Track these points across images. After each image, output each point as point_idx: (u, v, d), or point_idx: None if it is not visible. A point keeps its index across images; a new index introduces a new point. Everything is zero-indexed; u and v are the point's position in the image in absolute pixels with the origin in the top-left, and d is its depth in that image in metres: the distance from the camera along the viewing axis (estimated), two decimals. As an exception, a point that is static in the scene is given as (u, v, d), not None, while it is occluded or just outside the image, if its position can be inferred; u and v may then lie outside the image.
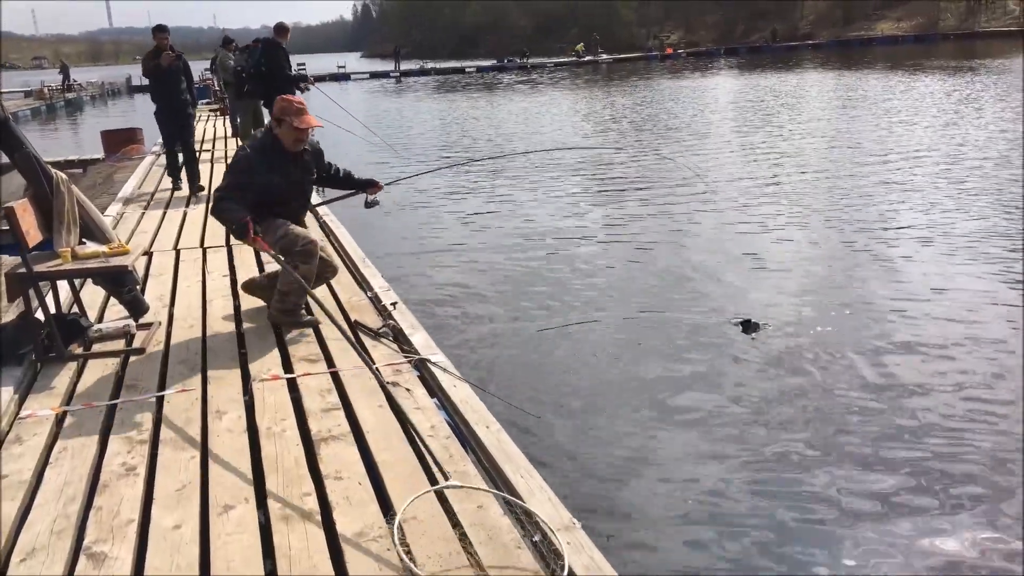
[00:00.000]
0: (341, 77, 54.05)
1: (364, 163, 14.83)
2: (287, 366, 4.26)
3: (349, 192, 5.40)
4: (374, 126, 17.24)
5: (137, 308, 4.77)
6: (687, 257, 8.23)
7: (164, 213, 8.64)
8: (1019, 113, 17.66)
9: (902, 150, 14.02)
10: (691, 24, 79.48)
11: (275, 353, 4.43)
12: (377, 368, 4.15)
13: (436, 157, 16.13)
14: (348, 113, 10.11)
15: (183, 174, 9.84)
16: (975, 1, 64.63)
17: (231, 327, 4.87)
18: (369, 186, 5.19)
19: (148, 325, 4.78)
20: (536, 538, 2.74)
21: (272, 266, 5.32)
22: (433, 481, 3.07)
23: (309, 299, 4.55)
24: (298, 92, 9.94)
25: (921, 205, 9.94)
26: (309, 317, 4.89)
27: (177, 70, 9.34)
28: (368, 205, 5.28)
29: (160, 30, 9.31)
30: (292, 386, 4.00)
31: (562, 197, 11.63)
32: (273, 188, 4.59)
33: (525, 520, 2.85)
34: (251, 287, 5.18)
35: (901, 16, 67.81)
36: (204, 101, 23.94)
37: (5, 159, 4.57)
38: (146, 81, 9.56)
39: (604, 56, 59.43)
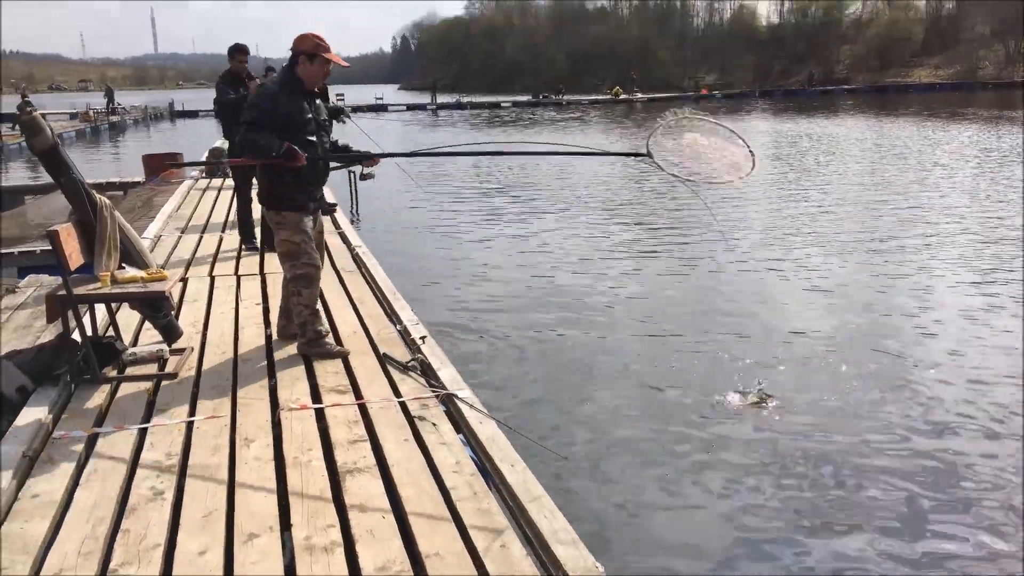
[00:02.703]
0: (378, 108, 54.76)
1: (400, 202, 14.98)
2: (315, 396, 4.30)
3: (344, 165, 5.36)
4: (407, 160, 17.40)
5: (171, 333, 4.84)
6: (722, 299, 8.20)
7: (200, 238, 8.77)
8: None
9: (937, 204, 13.92)
10: (727, 66, 79.71)
11: (304, 382, 4.47)
12: (404, 402, 4.19)
13: (465, 193, 16.27)
14: (380, 149, 10.18)
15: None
16: (1014, 50, 64.27)
17: (262, 355, 4.92)
18: (366, 159, 5.20)
19: (181, 350, 4.85)
20: (558, 578, 2.73)
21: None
22: (456, 517, 3.07)
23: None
24: (336, 124, 10.00)
25: (955, 265, 9.85)
26: (339, 348, 4.94)
27: None
28: (363, 177, 5.27)
29: (240, 51, 8.22)
30: (320, 416, 4.02)
31: (594, 235, 11.66)
32: (296, 123, 4.62)
33: (548, 562, 2.84)
34: (283, 333, 5.22)
35: (939, 63, 67.60)
36: None
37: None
38: (211, 105, 8.53)
39: (639, 95, 59.72)
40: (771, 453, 4.92)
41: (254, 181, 8.14)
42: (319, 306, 5.05)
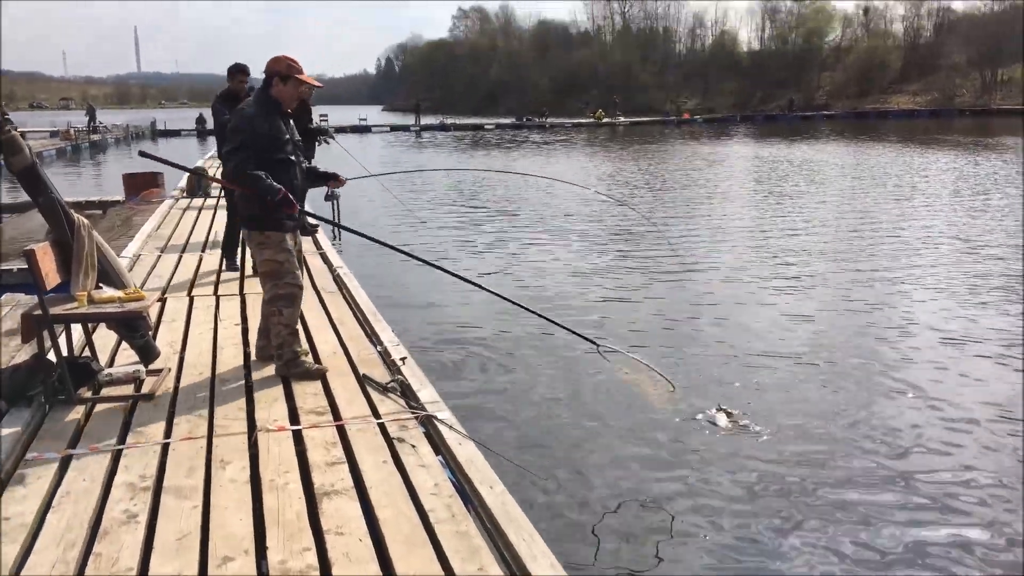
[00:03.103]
0: (362, 129, 54.89)
1: (383, 223, 14.99)
2: (293, 417, 4.27)
3: (313, 184, 5.41)
4: (391, 180, 17.38)
5: (148, 354, 4.80)
6: (700, 320, 8.23)
7: (180, 258, 8.72)
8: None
9: (916, 228, 14.08)
10: (709, 91, 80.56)
11: (282, 403, 4.44)
12: (383, 423, 4.17)
13: (448, 213, 16.30)
14: (366, 170, 10.25)
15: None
16: (991, 79, 65.38)
17: (240, 376, 4.88)
18: (331, 179, 5.25)
19: (158, 371, 4.81)
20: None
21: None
22: (434, 540, 3.05)
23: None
24: (318, 145, 9.96)
25: (930, 290, 9.94)
26: (317, 366, 4.92)
27: None
28: (328, 198, 5.31)
29: (240, 71, 7.89)
30: (298, 438, 3.99)
31: (575, 256, 11.69)
32: (276, 143, 4.69)
33: (525, 585, 2.82)
34: (262, 353, 5.17)
35: (917, 91, 68.62)
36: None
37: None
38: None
39: (621, 118, 60.18)
40: (753, 474, 4.91)
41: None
42: (299, 326, 5.04)
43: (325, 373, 4.87)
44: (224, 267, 8.03)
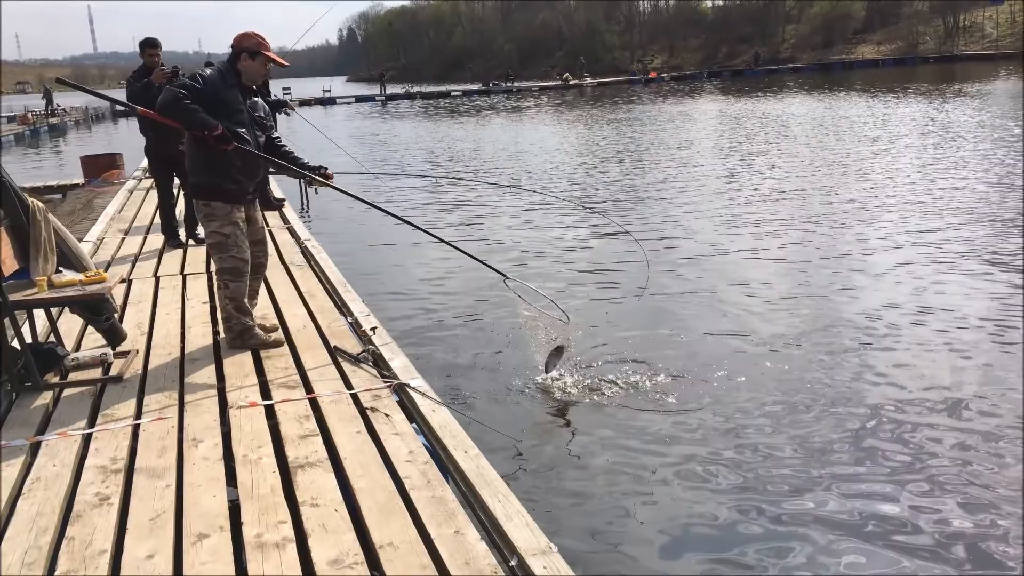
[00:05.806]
0: (327, 101, 54.25)
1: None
2: (265, 393, 4.25)
3: (300, 173, 5.15)
4: (357, 150, 17.25)
5: (114, 336, 4.75)
6: (662, 280, 8.26)
7: (144, 239, 8.61)
8: (996, 139, 17.91)
9: (880, 176, 14.17)
10: (674, 48, 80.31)
11: (253, 380, 4.42)
12: (356, 394, 4.16)
13: (419, 181, 16.20)
14: (331, 140, 10.15)
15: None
16: (953, 25, 65.65)
17: (209, 354, 4.85)
18: (317, 171, 4.97)
19: (125, 353, 4.75)
20: (513, 563, 2.74)
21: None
22: (410, 506, 3.05)
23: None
24: (280, 116, 9.82)
25: (898, 236, 10.04)
26: (273, 338, 4.94)
27: None
28: (310, 184, 5.22)
29: (150, 44, 7.89)
30: (270, 413, 3.98)
31: (545, 222, 11.66)
32: (229, 110, 4.59)
33: (502, 545, 2.84)
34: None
35: (881, 40, 68.79)
36: None
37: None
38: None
39: (588, 80, 59.90)
40: (728, 444, 4.94)
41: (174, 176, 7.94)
42: (268, 300, 5.01)
43: (282, 344, 4.91)
44: (168, 245, 7.91)
